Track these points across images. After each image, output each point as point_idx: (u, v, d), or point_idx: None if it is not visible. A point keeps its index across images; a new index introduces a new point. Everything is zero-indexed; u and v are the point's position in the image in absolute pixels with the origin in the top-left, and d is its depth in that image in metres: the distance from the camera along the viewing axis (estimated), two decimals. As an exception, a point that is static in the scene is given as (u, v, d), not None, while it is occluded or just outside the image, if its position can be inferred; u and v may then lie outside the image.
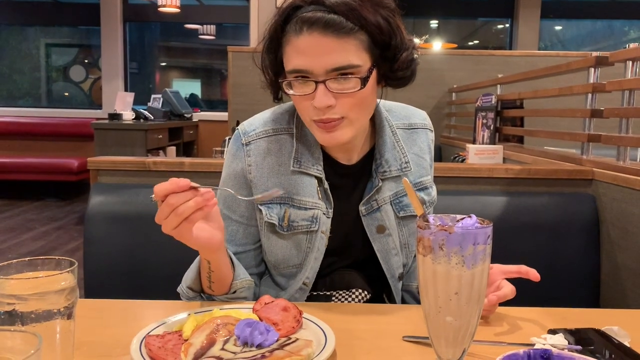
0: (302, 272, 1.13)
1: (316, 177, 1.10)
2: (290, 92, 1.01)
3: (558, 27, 8.32)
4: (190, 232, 0.90)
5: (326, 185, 1.10)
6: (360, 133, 1.09)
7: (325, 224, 1.11)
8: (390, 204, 1.14)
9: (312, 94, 0.98)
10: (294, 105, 1.06)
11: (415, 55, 1.04)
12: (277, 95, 1.10)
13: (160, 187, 0.86)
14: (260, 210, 1.10)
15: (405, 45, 1.02)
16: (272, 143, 1.12)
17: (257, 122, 1.14)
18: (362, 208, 1.12)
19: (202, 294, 1.04)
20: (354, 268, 1.16)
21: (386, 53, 1.00)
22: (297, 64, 0.97)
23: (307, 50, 0.96)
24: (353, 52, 0.96)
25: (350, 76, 0.96)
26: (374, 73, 1.00)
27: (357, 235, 1.14)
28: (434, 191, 1.21)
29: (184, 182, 0.86)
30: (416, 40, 1.07)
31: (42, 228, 5.10)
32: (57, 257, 0.70)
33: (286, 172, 1.10)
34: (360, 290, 1.13)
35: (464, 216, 0.71)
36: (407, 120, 1.19)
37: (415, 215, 1.14)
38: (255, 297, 1.15)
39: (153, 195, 0.87)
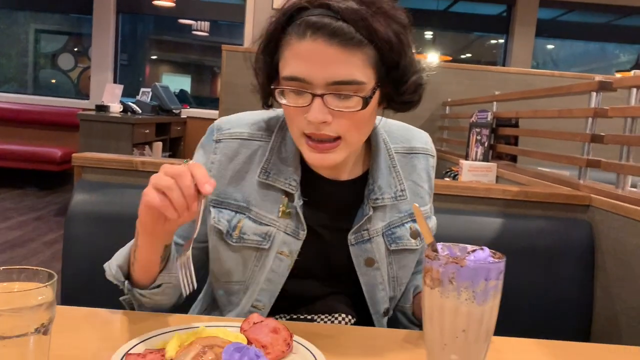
0: (248, 293, 1.04)
1: (286, 193, 1.01)
2: (283, 101, 0.92)
3: (550, 46, 8.39)
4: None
5: (298, 202, 1.01)
6: (352, 153, 1.00)
7: (289, 245, 1.01)
8: (382, 235, 1.05)
9: (307, 107, 0.89)
10: (284, 114, 0.98)
11: (425, 80, 0.97)
12: (267, 101, 1.02)
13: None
14: (210, 211, 1.02)
15: (415, 67, 0.94)
16: (244, 147, 1.04)
17: (235, 122, 1.07)
18: (351, 237, 1.03)
19: (128, 283, 0.96)
20: (338, 293, 1.09)
21: (393, 73, 0.92)
22: (295, 70, 0.89)
23: (308, 57, 0.87)
24: (358, 67, 0.88)
25: (351, 94, 0.88)
26: (377, 93, 0.92)
27: (342, 262, 1.05)
28: (432, 222, 1.13)
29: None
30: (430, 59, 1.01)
31: (20, 218, 4.98)
32: (34, 268, 0.64)
33: (251, 181, 1.02)
34: (344, 315, 1.06)
35: (475, 248, 0.67)
36: (408, 144, 1.11)
37: (408, 249, 1.07)
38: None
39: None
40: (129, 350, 0.77)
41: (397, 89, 0.94)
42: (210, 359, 0.74)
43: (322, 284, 1.08)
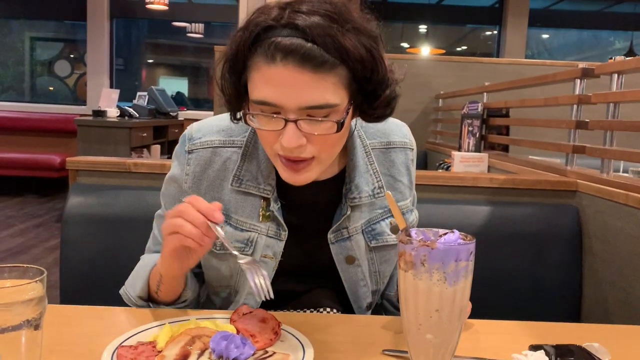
0: (237, 296, 1.06)
1: (263, 198, 1.02)
2: (255, 125, 0.90)
3: (545, 36, 8.41)
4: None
5: (275, 206, 1.01)
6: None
7: (273, 247, 1.03)
8: (362, 232, 1.06)
9: (281, 130, 0.87)
10: (257, 133, 0.96)
11: (397, 92, 0.94)
12: (236, 115, 0.98)
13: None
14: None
15: (387, 80, 0.91)
16: (216, 156, 1.03)
17: (206, 129, 1.05)
18: (330, 236, 1.04)
19: (151, 302, 1.00)
20: (322, 287, 1.10)
21: (365, 88, 0.89)
22: (266, 95, 0.86)
23: (279, 83, 0.84)
24: (331, 90, 0.85)
25: (325, 119, 0.86)
26: (351, 109, 0.90)
27: (324, 260, 1.06)
28: (412, 216, 1.12)
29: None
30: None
31: (21, 225, 5.02)
32: (24, 265, 0.67)
33: (227, 189, 1.03)
34: (329, 309, 1.07)
35: (447, 231, 0.70)
36: (385, 139, 1.09)
37: (389, 245, 1.08)
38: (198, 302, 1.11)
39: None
40: (121, 343, 0.80)
41: (370, 104, 0.92)
42: (198, 347, 0.77)
43: (306, 282, 1.10)
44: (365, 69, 0.87)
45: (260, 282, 0.87)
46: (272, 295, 0.87)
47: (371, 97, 0.91)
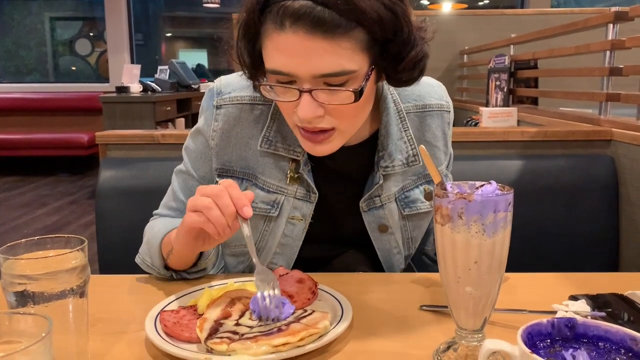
0: (262, 256, 1.03)
1: (292, 160, 0.99)
2: (271, 96, 0.87)
3: (571, -17, 8.09)
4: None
5: (304, 168, 0.99)
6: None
7: (301, 209, 1.01)
8: (395, 200, 1.03)
9: (297, 101, 0.83)
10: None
11: (426, 52, 0.88)
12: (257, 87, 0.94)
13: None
14: (217, 181, 0.98)
15: (414, 40, 0.84)
16: (245, 113, 0.99)
17: (236, 84, 1.02)
18: (362, 204, 1.01)
19: (173, 272, 0.97)
20: (354, 252, 1.09)
21: (389, 49, 0.83)
22: (278, 64, 0.82)
23: (290, 51, 0.80)
24: (347, 56, 0.80)
25: (342, 88, 0.81)
26: (373, 74, 0.85)
27: (355, 227, 1.04)
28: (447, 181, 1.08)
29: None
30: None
31: (55, 203, 5.15)
32: (66, 236, 0.69)
33: (255, 149, 0.99)
34: (361, 273, 1.05)
35: (484, 183, 0.68)
36: (421, 101, 1.03)
37: (422, 212, 1.05)
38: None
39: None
40: (163, 308, 0.82)
41: (395, 67, 0.86)
42: (239, 310, 0.78)
43: (336, 247, 1.09)
44: (386, 30, 0.80)
45: (267, 304, 0.77)
46: (275, 319, 0.77)
47: (395, 60, 0.85)
